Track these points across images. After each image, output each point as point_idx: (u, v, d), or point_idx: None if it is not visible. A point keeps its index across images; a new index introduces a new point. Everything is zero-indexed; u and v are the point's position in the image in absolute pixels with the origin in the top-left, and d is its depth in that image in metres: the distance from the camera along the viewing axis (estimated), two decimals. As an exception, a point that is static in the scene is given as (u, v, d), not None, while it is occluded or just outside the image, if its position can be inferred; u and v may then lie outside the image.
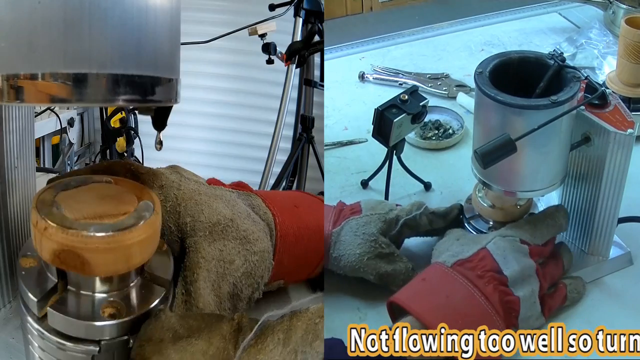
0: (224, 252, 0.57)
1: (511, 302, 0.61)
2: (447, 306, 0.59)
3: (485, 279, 0.61)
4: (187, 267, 0.56)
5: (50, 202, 0.48)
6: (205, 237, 0.57)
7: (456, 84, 1.09)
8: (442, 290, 0.60)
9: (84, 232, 0.44)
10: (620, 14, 1.18)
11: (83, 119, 2.66)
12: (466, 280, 0.61)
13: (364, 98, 1.09)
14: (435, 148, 0.95)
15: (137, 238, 0.46)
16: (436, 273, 0.63)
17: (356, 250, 0.68)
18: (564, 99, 0.59)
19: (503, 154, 0.58)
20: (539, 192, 0.67)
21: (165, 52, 0.47)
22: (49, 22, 0.40)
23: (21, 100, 0.41)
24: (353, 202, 0.74)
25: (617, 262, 0.73)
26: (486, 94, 0.61)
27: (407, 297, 0.60)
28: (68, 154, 2.38)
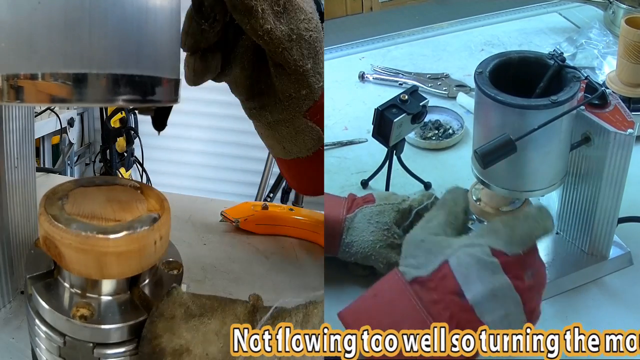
0: None
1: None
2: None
3: (442, 304, 0.51)
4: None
5: (63, 193, 0.49)
6: None
7: (456, 84, 1.09)
8: (390, 314, 0.53)
9: (65, 226, 0.44)
10: (620, 14, 1.18)
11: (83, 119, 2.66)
12: (420, 305, 0.52)
13: (364, 98, 1.09)
14: (435, 148, 0.95)
15: (113, 248, 0.44)
16: (391, 288, 0.55)
17: (369, 237, 0.69)
18: (564, 99, 0.60)
19: (503, 154, 0.58)
20: (539, 192, 0.67)
21: (165, 52, 0.47)
22: (49, 22, 0.40)
23: (21, 100, 0.41)
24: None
25: (617, 262, 0.73)
26: (486, 94, 0.61)
27: (353, 313, 0.54)
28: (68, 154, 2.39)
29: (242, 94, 0.64)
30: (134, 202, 0.50)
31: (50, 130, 2.25)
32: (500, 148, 0.57)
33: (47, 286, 0.48)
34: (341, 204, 0.72)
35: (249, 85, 0.63)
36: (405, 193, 0.84)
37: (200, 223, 0.92)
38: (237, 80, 0.62)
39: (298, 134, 0.63)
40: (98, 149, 2.69)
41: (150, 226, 0.47)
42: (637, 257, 0.74)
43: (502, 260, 0.52)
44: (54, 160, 2.40)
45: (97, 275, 0.46)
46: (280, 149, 0.66)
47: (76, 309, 0.46)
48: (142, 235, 0.46)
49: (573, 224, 0.73)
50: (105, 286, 0.48)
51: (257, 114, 0.64)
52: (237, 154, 2.71)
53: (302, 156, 0.66)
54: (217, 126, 2.72)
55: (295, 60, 0.57)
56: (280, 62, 0.58)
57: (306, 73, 0.59)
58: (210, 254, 0.82)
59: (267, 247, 0.86)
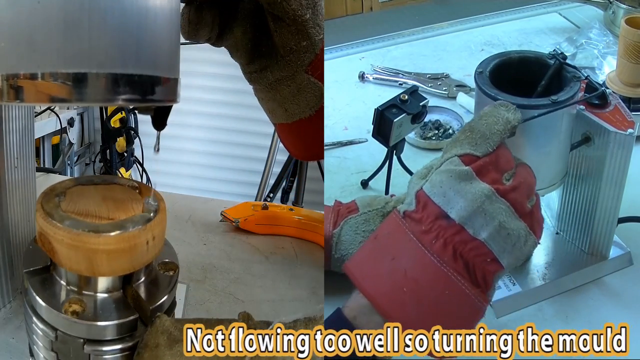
0: None
1: (475, 249, 0.48)
2: (391, 272, 0.49)
3: (432, 233, 0.49)
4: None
5: (60, 190, 0.50)
6: None
7: (456, 84, 1.09)
8: (389, 251, 0.51)
9: (58, 223, 0.45)
10: (620, 14, 1.18)
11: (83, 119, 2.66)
12: (414, 239, 0.49)
13: (364, 98, 1.09)
14: (435, 148, 0.95)
15: (104, 246, 0.45)
16: (389, 226, 0.53)
17: (358, 248, 0.68)
18: (564, 99, 0.59)
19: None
20: (539, 192, 0.66)
21: (165, 52, 0.47)
22: (49, 22, 0.40)
23: (21, 100, 0.41)
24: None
25: (617, 262, 0.73)
26: (486, 94, 0.61)
27: (356, 264, 0.53)
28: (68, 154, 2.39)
29: (243, 57, 0.64)
30: (129, 202, 0.50)
31: (50, 130, 2.25)
32: None
33: (42, 281, 0.49)
34: (328, 218, 0.70)
35: (251, 48, 0.63)
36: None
37: (200, 223, 0.92)
38: (238, 44, 0.62)
39: (300, 91, 0.63)
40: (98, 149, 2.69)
41: (143, 226, 0.47)
42: (637, 257, 0.74)
43: (475, 166, 0.49)
44: (54, 160, 2.40)
45: (88, 272, 0.46)
46: (282, 112, 0.66)
47: (68, 305, 0.46)
48: (133, 235, 0.46)
49: (573, 224, 0.73)
50: (100, 283, 0.48)
51: (258, 76, 0.64)
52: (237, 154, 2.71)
53: (305, 116, 0.65)
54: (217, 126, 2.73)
55: (294, 9, 0.57)
56: (278, 13, 0.58)
57: (305, 23, 0.59)
58: (210, 254, 0.82)
59: (267, 247, 0.86)
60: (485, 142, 0.50)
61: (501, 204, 0.48)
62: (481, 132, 0.50)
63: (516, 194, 0.49)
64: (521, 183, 0.50)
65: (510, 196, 0.49)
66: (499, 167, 0.50)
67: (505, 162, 0.50)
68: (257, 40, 0.63)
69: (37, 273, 0.49)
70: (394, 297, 0.49)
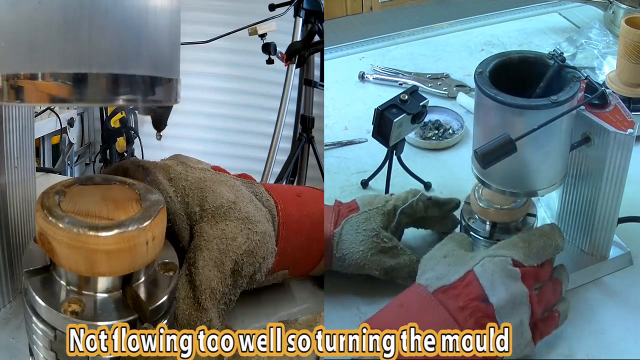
0: (226, 231, 0.58)
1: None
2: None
3: (468, 310, 0.55)
4: (190, 249, 0.57)
5: (61, 189, 0.50)
6: (208, 221, 0.58)
7: (456, 84, 1.09)
8: (418, 322, 0.54)
9: (58, 222, 0.45)
10: (620, 14, 1.18)
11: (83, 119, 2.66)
12: (446, 312, 0.55)
13: (364, 98, 1.09)
14: (435, 148, 0.95)
15: (103, 246, 0.45)
16: (416, 299, 0.58)
17: (359, 247, 0.68)
18: (564, 99, 0.59)
19: (503, 153, 0.58)
20: (539, 192, 0.66)
21: (165, 52, 0.47)
22: (49, 22, 0.40)
23: (21, 100, 0.41)
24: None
25: (617, 262, 0.73)
26: (486, 94, 0.61)
27: (380, 324, 0.55)
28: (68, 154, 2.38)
29: None
30: (129, 202, 0.50)
31: (50, 130, 2.25)
32: (500, 148, 0.57)
33: (42, 281, 0.49)
34: (329, 218, 0.71)
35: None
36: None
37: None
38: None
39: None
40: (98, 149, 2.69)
41: (143, 226, 0.46)
42: (637, 257, 0.74)
43: (523, 271, 0.58)
44: (54, 160, 2.40)
45: (88, 273, 0.46)
46: None
47: (68, 304, 0.46)
48: (133, 235, 0.46)
49: (573, 224, 0.73)
50: (99, 283, 0.48)
51: None
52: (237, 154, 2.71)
53: None
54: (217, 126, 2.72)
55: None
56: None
57: None
58: (210, 254, 0.82)
59: (267, 247, 0.86)
60: (537, 258, 0.60)
61: (527, 307, 0.57)
62: (537, 249, 0.60)
63: (537, 305, 0.58)
64: (543, 298, 0.60)
65: (534, 305, 0.58)
66: (536, 278, 0.60)
67: (542, 275, 0.61)
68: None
69: (37, 273, 0.49)
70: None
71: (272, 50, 1.62)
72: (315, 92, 1.87)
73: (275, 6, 1.62)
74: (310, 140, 1.85)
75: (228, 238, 0.57)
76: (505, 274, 0.57)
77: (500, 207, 0.69)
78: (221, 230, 0.58)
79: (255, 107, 2.37)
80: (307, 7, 1.72)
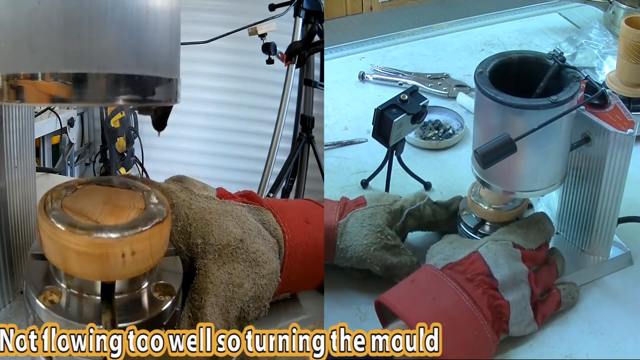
0: (233, 276, 0.56)
1: (500, 306, 0.60)
2: (432, 307, 0.58)
3: (475, 282, 0.60)
4: (195, 289, 0.55)
5: (74, 185, 0.51)
6: (214, 260, 0.56)
7: (456, 84, 1.09)
8: (429, 293, 0.60)
9: (46, 214, 0.46)
10: (620, 14, 1.18)
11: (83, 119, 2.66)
12: (455, 284, 0.60)
13: (364, 98, 1.09)
14: (435, 148, 0.95)
15: (75, 245, 0.44)
16: (425, 275, 0.63)
17: (363, 240, 0.68)
18: (564, 99, 0.59)
19: (503, 153, 0.58)
20: (539, 192, 0.67)
21: (165, 52, 0.47)
22: (49, 22, 0.40)
23: (21, 100, 0.41)
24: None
25: (617, 262, 0.73)
26: (486, 94, 0.61)
27: (394, 297, 0.60)
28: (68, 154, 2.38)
29: None
30: (129, 210, 0.49)
31: (50, 130, 2.25)
32: (500, 148, 0.57)
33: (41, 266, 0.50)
34: (334, 209, 0.71)
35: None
36: (405, 193, 0.85)
37: (200, 223, 0.91)
38: None
39: None
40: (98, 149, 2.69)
41: (118, 236, 0.45)
42: (637, 257, 0.74)
43: (523, 253, 0.63)
44: (54, 160, 2.39)
45: (62, 267, 0.47)
46: None
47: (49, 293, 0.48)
48: (106, 243, 0.44)
49: (573, 224, 0.73)
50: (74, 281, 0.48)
51: None
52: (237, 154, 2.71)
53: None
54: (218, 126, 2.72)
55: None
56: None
57: None
58: (210, 254, 0.82)
59: (267, 247, 0.86)
60: (534, 243, 0.65)
61: (526, 283, 0.63)
62: (533, 235, 0.65)
63: (535, 283, 0.63)
64: (540, 279, 0.64)
65: (532, 283, 0.63)
66: (534, 261, 0.65)
67: (539, 258, 0.66)
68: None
69: (38, 258, 0.51)
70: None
71: (272, 50, 1.62)
72: (315, 92, 1.87)
73: (275, 6, 1.62)
74: (310, 140, 1.85)
75: (235, 285, 0.56)
76: (507, 254, 0.62)
77: (496, 207, 0.69)
78: (228, 275, 0.56)
79: (255, 107, 2.37)
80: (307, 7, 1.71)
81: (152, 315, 0.49)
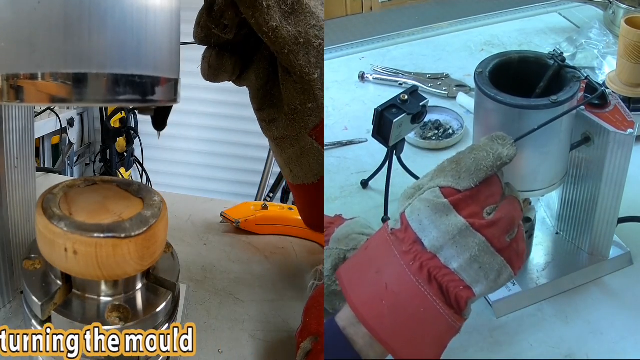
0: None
1: (448, 275, 0.49)
2: (374, 284, 0.50)
3: (411, 254, 0.49)
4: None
5: (78, 184, 0.51)
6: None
7: (456, 84, 1.09)
8: (375, 263, 0.51)
9: (44, 211, 0.46)
10: (620, 14, 1.18)
11: (83, 119, 2.67)
12: (398, 257, 0.50)
13: (364, 98, 1.09)
14: (435, 148, 0.95)
15: (62, 242, 0.44)
16: (377, 240, 0.53)
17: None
18: (564, 99, 0.60)
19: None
20: (539, 192, 0.67)
21: (165, 52, 0.47)
22: (49, 22, 0.40)
23: (21, 100, 0.41)
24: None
25: (617, 262, 0.73)
26: (486, 94, 0.61)
27: (346, 270, 0.53)
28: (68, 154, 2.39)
29: (254, 102, 0.63)
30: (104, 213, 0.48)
31: (50, 130, 2.26)
32: None
33: (66, 305, 0.49)
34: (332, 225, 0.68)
35: (262, 95, 0.62)
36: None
37: (200, 223, 0.92)
38: (251, 87, 0.62)
39: (303, 154, 0.61)
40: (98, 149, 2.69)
41: (63, 225, 0.44)
42: (637, 257, 0.74)
43: (453, 200, 0.49)
44: (54, 160, 2.40)
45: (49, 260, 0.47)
46: (288, 171, 0.64)
47: (108, 316, 0.47)
48: (53, 230, 0.44)
49: (573, 224, 0.73)
50: (126, 283, 0.49)
51: (267, 127, 0.63)
52: (237, 154, 2.71)
53: (307, 182, 0.63)
54: (217, 126, 2.72)
55: (302, 66, 0.55)
56: (286, 65, 0.56)
57: (313, 83, 0.57)
58: (210, 254, 0.83)
59: (267, 247, 0.86)
60: (469, 177, 0.50)
61: (475, 238, 0.48)
62: (467, 166, 0.50)
63: (493, 229, 0.49)
64: (501, 218, 0.49)
65: (487, 231, 0.49)
66: (479, 202, 0.50)
67: (488, 196, 0.50)
68: (269, 88, 0.61)
69: (53, 299, 0.49)
70: (373, 307, 0.49)
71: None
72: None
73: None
74: (310, 141, 1.85)
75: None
76: (431, 211, 0.49)
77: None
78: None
79: (255, 107, 2.37)
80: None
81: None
